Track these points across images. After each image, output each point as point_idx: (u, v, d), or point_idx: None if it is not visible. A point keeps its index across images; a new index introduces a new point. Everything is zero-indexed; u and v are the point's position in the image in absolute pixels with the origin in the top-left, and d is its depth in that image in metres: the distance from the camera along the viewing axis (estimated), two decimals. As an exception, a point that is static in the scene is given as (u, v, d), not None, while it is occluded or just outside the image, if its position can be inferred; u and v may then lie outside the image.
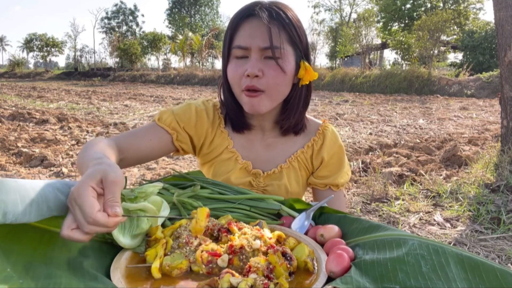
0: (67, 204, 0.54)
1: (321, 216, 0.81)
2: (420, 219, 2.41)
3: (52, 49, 38.44)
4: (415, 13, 22.76)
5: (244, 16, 0.89)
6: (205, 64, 26.25)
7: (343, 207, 1.07)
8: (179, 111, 1.00)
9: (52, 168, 3.69)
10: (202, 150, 1.05)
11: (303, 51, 0.92)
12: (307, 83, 0.94)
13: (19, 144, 4.47)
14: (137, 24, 50.93)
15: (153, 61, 40.54)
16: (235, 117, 1.00)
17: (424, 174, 3.33)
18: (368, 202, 2.71)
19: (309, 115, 1.07)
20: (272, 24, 0.86)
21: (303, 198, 1.08)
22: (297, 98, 0.96)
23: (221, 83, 1.00)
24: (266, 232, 0.65)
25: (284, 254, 0.58)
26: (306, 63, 0.92)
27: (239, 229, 0.66)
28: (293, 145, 1.04)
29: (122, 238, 0.62)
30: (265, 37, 0.86)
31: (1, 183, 0.48)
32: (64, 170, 3.58)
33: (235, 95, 0.94)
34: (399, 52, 19.10)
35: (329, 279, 0.55)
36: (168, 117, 0.98)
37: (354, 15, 28.41)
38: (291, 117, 0.97)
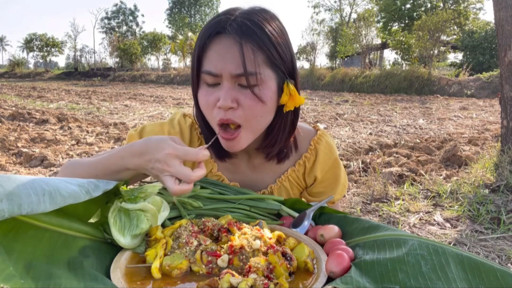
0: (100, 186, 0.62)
1: (321, 216, 0.81)
2: (420, 219, 2.41)
3: (52, 49, 38.45)
4: (415, 13, 22.76)
5: (212, 33, 0.74)
6: (205, 64, 26.13)
7: (337, 208, 1.05)
8: (149, 135, 0.89)
9: (52, 168, 3.69)
10: None
11: (287, 71, 0.78)
12: (292, 109, 0.80)
13: (19, 144, 4.48)
14: (137, 24, 50.98)
15: (153, 61, 40.54)
16: (214, 147, 0.87)
17: (424, 174, 3.33)
18: (368, 202, 2.71)
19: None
20: (244, 43, 0.71)
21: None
22: (282, 124, 0.84)
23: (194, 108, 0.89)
24: (266, 232, 0.65)
25: (284, 254, 0.58)
26: (291, 86, 0.77)
27: (239, 229, 0.66)
28: (282, 164, 0.95)
29: (122, 238, 0.62)
30: (237, 61, 0.72)
31: (9, 178, 0.49)
32: (64, 170, 3.58)
33: (211, 125, 0.82)
34: (399, 52, 19.10)
35: (329, 279, 0.55)
36: None
37: (354, 15, 28.44)
38: (275, 145, 0.87)
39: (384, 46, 21.61)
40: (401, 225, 2.31)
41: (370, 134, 5.47)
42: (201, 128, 0.89)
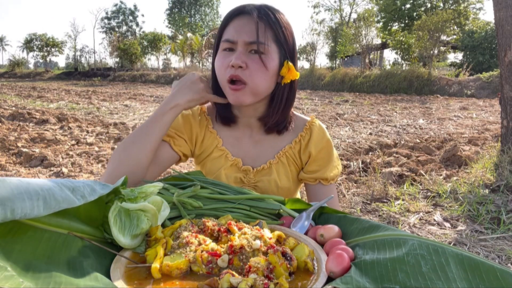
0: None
1: (321, 216, 0.81)
2: (420, 219, 2.41)
3: (52, 49, 38.38)
4: (415, 13, 22.74)
5: (235, 13, 0.95)
6: (205, 64, 26.20)
7: (335, 203, 1.08)
8: None
9: (52, 168, 3.69)
10: (195, 151, 1.10)
11: (289, 52, 0.96)
12: (288, 81, 0.98)
13: (19, 144, 4.48)
14: (137, 24, 50.99)
15: (153, 61, 40.56)
16: (222, 110, 1.05)
17: (424, 174, 3.33)
18: (368, 202, 2.71)
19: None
20: (259, 20, 0.91)
21: (302, 197, 1.08)
22: (280, 96, 1.00)
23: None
24: (266, 232, 0.65)
25: (284, 254, 0.58)
26: (290, 64, 0.95)
27: (239, 229, 0.66)
28: (281, 141, 1.08)
29: (122, 238, 0.62)
30: (252, 32, 0.91)
31: (3, 181, 0.48)
32: (64, 170, 3.58)
33: (221, 86, 0.98)
34: (399, 52, 19.06)
35: (329, 279, 0.55)
36: None
37: (354, 15, 28.41)
38: (274, 115, 1.01)
39: (384, 46, 21.58)
40: (401, 225, 2.31)
41: (370, 134, 5.47)
42: (213, 89, 1.03)
